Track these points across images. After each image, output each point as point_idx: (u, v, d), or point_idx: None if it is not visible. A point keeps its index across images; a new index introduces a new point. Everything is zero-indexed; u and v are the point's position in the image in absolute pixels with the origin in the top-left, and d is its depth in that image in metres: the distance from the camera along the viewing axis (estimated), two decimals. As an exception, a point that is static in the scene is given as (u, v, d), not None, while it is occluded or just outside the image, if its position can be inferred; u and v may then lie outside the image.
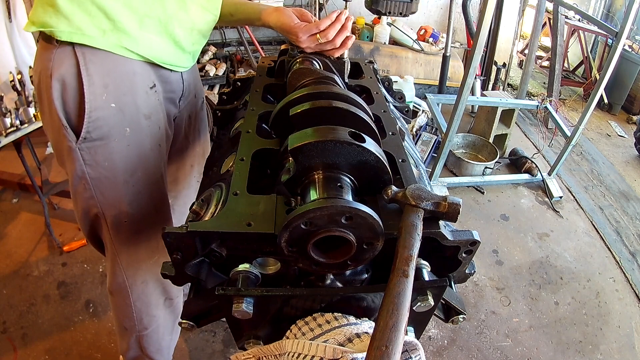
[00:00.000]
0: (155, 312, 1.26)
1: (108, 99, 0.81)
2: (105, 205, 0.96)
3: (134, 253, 1.08)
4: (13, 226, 2.50)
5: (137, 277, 1.15)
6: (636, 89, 4.27)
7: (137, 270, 1.13)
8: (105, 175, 0.90)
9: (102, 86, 0.79)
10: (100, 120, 0.82)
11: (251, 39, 3.59)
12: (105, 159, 0.87)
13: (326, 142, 0.65)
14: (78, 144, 0.84)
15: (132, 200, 0.96)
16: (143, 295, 1.20)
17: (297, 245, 0.63)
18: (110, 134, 0.85)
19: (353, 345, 0.62)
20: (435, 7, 4.53)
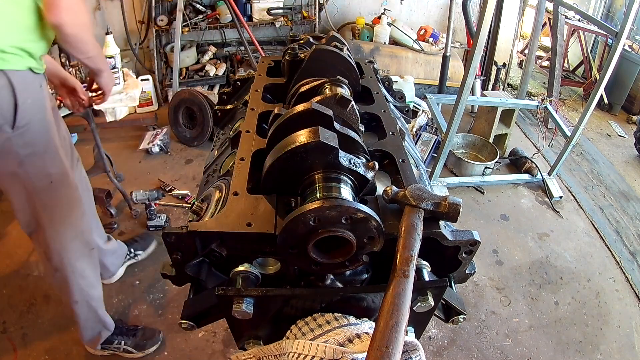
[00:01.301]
0: (86, 265, 1.61)
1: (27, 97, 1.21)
2: (35, 174, 1.32)
3: (60, 210, 1.44)
4: (13, 226, 2.50)
5: (67, 235, 1.49)
6: (636, 89, 4.27)
7: (66, 227, 1.47)
8: (32, 150, 1.28)
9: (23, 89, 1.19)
10: (25, 112, 1.21)
11: (251, 39, 3.59)
12: (30, 138, 1.26)
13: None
14: (13, 133, 1.21)
15: (51, 164, 1.36)
16: (76, 252, 1.54)
17: (297, 246, 0.63)
18: (31, 120, 1.24)
19: (353, 345, 0.62)
20: (435, 7, 4.54)
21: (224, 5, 3.57)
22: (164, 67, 3.85)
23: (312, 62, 1.03)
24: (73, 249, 1.54)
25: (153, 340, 1.90)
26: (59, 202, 1.44)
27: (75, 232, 1.53)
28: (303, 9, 4.02)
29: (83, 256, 1.59)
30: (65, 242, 1.51)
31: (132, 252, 2.27)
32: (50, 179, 1.37)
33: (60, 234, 1.48)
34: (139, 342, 1.88)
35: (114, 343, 1.85)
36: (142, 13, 3.68)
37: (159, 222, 2.53)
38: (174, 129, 3.36)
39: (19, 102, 1.18)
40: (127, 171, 2.98)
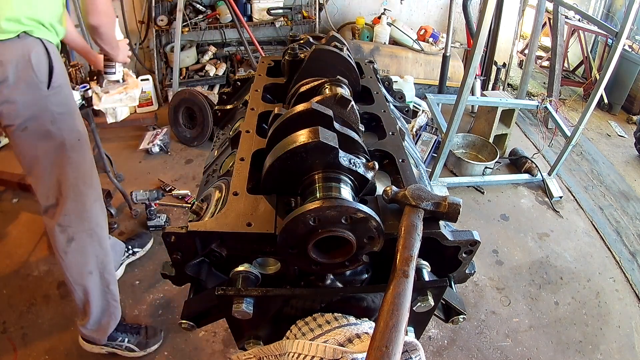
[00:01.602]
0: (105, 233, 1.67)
1: (58, 62, 1.39)
2: (67, 131, 1.46)
3: (85, 167, 1.55)
4: (13, 226, 2.50)
5: (90, 196, 1.57)
6: (636, 89, 4.27)
7: (90, 187, 1.57)
8: (64, 109, 1.44)
9: (55, 55, 1.37)
10: (58, 75, 1.38)
11: (251, 39, 3.59)
12: (63, 97, 1.43)
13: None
14: (49, 92, 1.36)
15: (79, 122, 1.52)
16: (97, 216, 1.62)
17: (297, 246, 0.63)
18: (62, 82, 1.42)
19: (353, 345, 0.62)
20: (435, 7, 4.54)
21: (224, 5, 3.57)
22: (164, 67, 3.85)
23: (312, 62, 1.03)
24: (93, 212, 1.60)
25: (155, 339, 1.90)
26: (85, 160, 1.55)
27: (96, 195, 1.62)
28: (303, 9, 4.02)
29: (102, 221, 1.66)
30: (89, 203, 1.58)
31: (129, 249, 2.27)
32: (79, 136, 1.51)
33: (84, 195, 1.56)
34: (142, 341, 1.88)
35: (117, 340, 1.84)
36: (142, 13, 3.68)
37: (159, 222, 2.53)
38: (174, 129, 3.36)
39: (54, 65, 1.35)
40: (127, 171, 2.98)
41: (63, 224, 1.54)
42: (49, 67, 1.35)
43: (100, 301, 1.73)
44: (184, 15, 3.47)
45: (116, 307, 1.80)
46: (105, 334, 1.80)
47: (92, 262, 1.64)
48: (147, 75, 3.61)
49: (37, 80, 1.32)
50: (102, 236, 1.65)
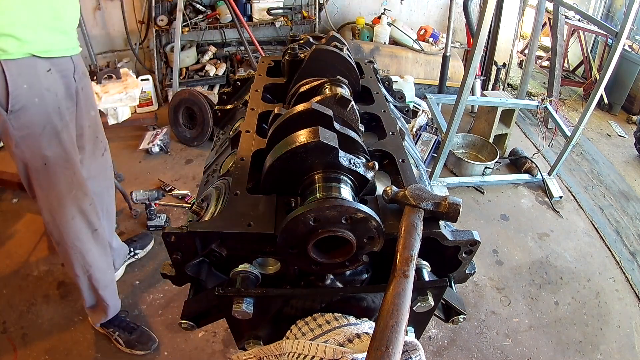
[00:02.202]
0: (88, 246, 1.65)
1: (22, 83, 1.27)
2: (30, 154, 1.39)
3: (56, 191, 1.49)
4: (13, 226, 2.50)
5: (66, 213, 1.53)
6: (636, 89, 4.27)
7: (63, 207, 1.52)
8: (27, 132, 1.34)
9: (17, 75, 1.25)
10: (18, 97, 1.27)
11: (251, 39, 3.59)
12: (25, 121, 1.32)
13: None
14: (7, 116, 1.28)
15: (46, 146, 1.40)
16: (76, 231, 1.59)
17: (297, 246, 0.63)
18: (25, 104, 1.30)
19: (353, 345, 0.62)
20: (435, 7, 4.54)
21: (224, 5, 3.57)
22: (164, 67, 3.85)
23: (312, 62, 1.03)
24: (71, 228, 1.58)
25: (144, 346, 1.90)
26: (54, 183, 1.48)
27: (72, 213, 1.56)
28: (303, 9, 4.02)
29: (83, 236, 1.62)
30: (63, 220, 1.55)
31: (131, 251, 2.27)
32: (44, 161, 1.42)
33: (57, 213, 1.53)
34: (131, 340, 1.90)
35: (109, 329, 1.91)
36: (142, 13, 3.68)
37: (159, 222, 2.53)
38: (174, 129, 3.36)
39: (10, 89, 1.25)
40: (127, 171, 2.98)
41: (47, 229, 1.60)
42: (6, 91, 1.24)
43: (90, 298, 1.80)
44: (184, 15, 3.47)
45: (107, 307, 1.84)
46: (96, 321, 1.89)
47: (77, 268, 1.68)
48: (147, 75, 3.61)
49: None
50: (85, 249, 1.65)
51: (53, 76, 1.36)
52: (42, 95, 1.34)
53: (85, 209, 1.59)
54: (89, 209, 1.61)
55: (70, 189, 1.52)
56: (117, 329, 1.91)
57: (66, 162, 1.48)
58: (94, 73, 2.38)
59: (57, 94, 1.39)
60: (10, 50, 1.21)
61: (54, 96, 1.38)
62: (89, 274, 1.71)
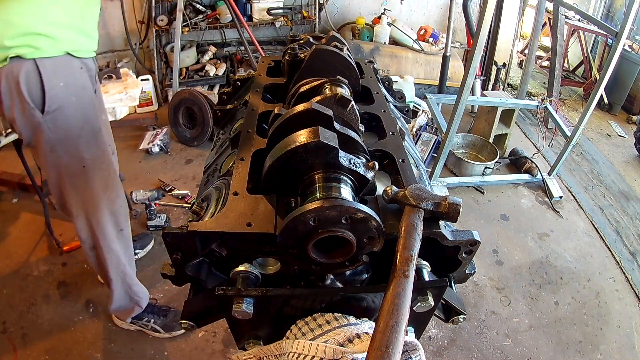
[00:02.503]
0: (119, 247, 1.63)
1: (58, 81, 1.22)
2: (68, 158, 1.33)
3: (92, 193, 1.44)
4: (13, 226, 2.50)
5: (101, 217, 1.50)
6: (636, 89, 4.27)
7: (98, 209, 1.48)
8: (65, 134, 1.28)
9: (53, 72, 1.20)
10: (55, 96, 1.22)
11: (251, 39, 3.59)
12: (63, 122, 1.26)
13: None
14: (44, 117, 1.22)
15: (85, 148, 1.35)
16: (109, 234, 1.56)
17: (297, 246, 0.63)
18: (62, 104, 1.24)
19: (353, 345, 0.62)
20: (435, 7, 4.54)
21: (224, 5, 3.57)
22: (164, 67, 3.85)
23: (312, 62, 1.03)
24: (106, 231, 1.55)
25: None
26: (90, 185, 1.43)
27: (107, 215, 1.54)
28: (303, 9, 4.02)
29: (114, 237, 1.62)
30: (99, 224, 1.52)
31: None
32: (82, 164, 1.37)
33: (93, 217, 1.49)
34: (168, 323, 1.91)
35: (143, 319, 1.90)
36: (142, 13, 3.68)
37: (159, 222, 2.53)
38: (174, 129, 3.36)
39: (46, 87, 1.19)
40: (127, 171, 2.98)
41: (80, 236, 1.58)
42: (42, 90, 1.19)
43: (123, 297, 1.80)
44: (184, 15, 3.47)
45: (141, 299, 1.85)
46: (129, 316, 1.88)
47: (112, 272, 1.67)
48: (147, 75, 3.61)
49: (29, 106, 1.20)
50: (118, 250, 1.64)
51: (86, 75, 1.32)
52: (78, 94, 1.29)
53: (116, 210, 1.57)
54: (119, 210, 1.58)
55: (105, 190, 1.48)
56: (152, 315, 1.91)
57: (102, 163, 1.43)
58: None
59: (91, 93, 1.36)
60: (44, 47, 1.16)
61: (91, 94, 1.34)
62: (124, 274, 1.70)
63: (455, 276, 0.80)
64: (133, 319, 1.90)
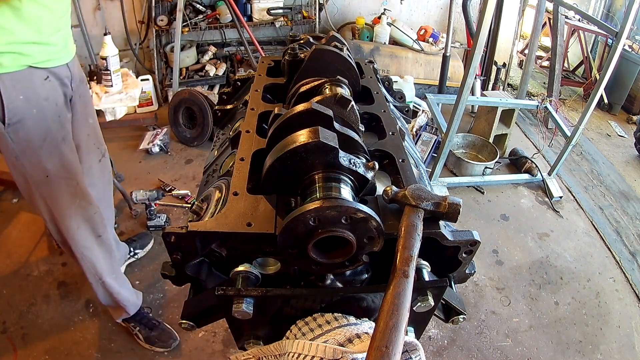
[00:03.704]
0: (96, 253, 1.64)
1: (17, 94, 1.22)
2: (31, 168, 1.36)
3: (59, 202, 1.46)
4: (13, 226, 2.50)
5: (71, 224, 1.51)
6: (636, 89, 4.27)
7: (67, 217, 1.49)
8: (26, 145, 1.31)
9: (12, 87, 1.21)
10: (15, 109, 1.23)
11: (251, 39, 3.59)
12: (24, 134, 1.29)
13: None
14: (5, 129, 1.25)
15: (47, 159, 1.37)
16: (83, 240, 1.58)
17: (297, 246, 0.63)
18: (23, 117, 1.26)
19: (353, 345, 0.62)
20: (435, 7, 4.54)
21: (224, 5, 3.57)
22: (164, 67, 3.85)
23: (312, 62, 1.03)
24: (79, 237, 1.56)
25: (165, 343, 1.92)
26: (57, 195, 1.45)
27: (77, 223, 1.54)
28: (303, 9, 4.02)
29: (90, 244, 1.62)
30: (69, 231, 1.53)
31: (131, 251, 2.28)
32: (46, 173, 1.38)
33: (61, 224, 1.51)
34: (151, 337, 1.91)
35: (130, 324, 1.92)
36: (142, 13, 3.68)
37: (159, 222, 2.53)
38: (174, 129, 3.36)
39: (5, 102, 1.21)
40: (127, 171, 2.98)
41: (56, 239, 1.60)
42: (1, 104, 1.20)
43: (107, 299, 1.81)
44: (184, 15, 3.47)
45: (127, 306, 1.85)
46: (117, 317, 1.90)
47: (90, 275, 1.69)
48: (147, 75, 3.61)
49: None
50: (93, 257, 1.64)
51: (52, 84, 1.32)
52: (40, 106, 1.29)
53: (90, 217, 1.57)
54: (94, 217, 1.59)
55: (74, 199, 1.49)
56: (138, 324, 1.92)
57: (68, 173, 1.45)
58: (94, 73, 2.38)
59: (56, 102, 1.35)
60: (6, 64, 1.18)
61: (54, 105, 1.34)
62: (102, 282, 1.72)
63: (455, 276, 0.80)
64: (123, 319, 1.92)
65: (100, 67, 2.28)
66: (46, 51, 1.27)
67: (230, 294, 0.66)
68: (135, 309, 1.90)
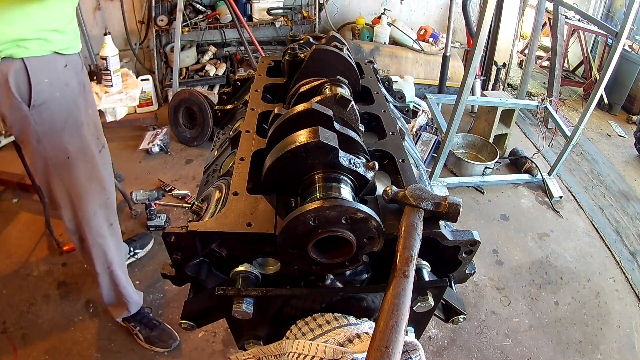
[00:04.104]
0: (108, 242, 1.67)
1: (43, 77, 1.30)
2: (52, 150, 1.41)
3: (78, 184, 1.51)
4: (13, 226, 2.50)
5: (88, 209, 1.56)
6: (636, 89, 4.27)
7: (85, 202, 1.54)
8: (49, 127, 1.37)
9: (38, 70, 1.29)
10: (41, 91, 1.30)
11: (251, 39, 3.59)
12: (48, 116, 1.35)
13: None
14: (30, 111, 1.31)
15: (69, 140, 1.43)
16: (97, 227, 1.61)
17: (297, 246, 0.63)
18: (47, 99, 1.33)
19: (353, 345, 0.62)
20: (435, 7, 4.54)
21: (224, 5, 3.57)
22: (164, 67, 3.85)
23: (312, 62, 1.03)
24: (93, 224, 1.60)
25: (165, 344, 1.92)
26: (75, 177, 1.49)
27: (94, 208, 1.58)
28: (303, 9, 4.02)
29: (104, 231, 1.65)
30: (85, 216, 1.57)
31: (131, 250, 2.28)
32: (67, 155, 1.44)
33: (79, 209, 1.55)
34: (151, 337, 1.91)
35: (130, 323, 1.92)
36: (142, 13, 3.68)
37: (159, 222, 2.53)
38: (174, 129, 3.36)
39: (32, 83, 1.28)
40: (127, 171, 2.98)
41: (69, 228, 1.61)
42: (29, 86, 1.28)
43: (111, 294, 1.81)
44: (184, 15, 3.47)
45: (129, 302, 1.86)
46: (117, 316, 1.90)
47: (98, 265, 1.70)
48: (147, 75, 3.61)
49: (16, 100, 1.28)
50: (106, 245, 1.67)
51: (69, 71, 1.40)
52: (62, 90, 1.37)
53: (105, 203, 1.62)
54: (107, 203, 1.64)
55: (90, 183, 1.55)
56: (139, 324, 1.92)
57: (86, 156, 1.50)
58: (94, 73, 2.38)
59: (74, 89, 1.43)
60: (33, 49, 1.26)
61: (72, 91, 1.42)
62: (110, 271, 1.73)
63: (455, 276, 0.80)
64: (124, 319, 1.92)
65: (100, 67, 2.29)
66: (65, 39, 1.35)
67: (230, 294, 0.66)
68: (137, 307, 1.91)
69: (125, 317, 1.91)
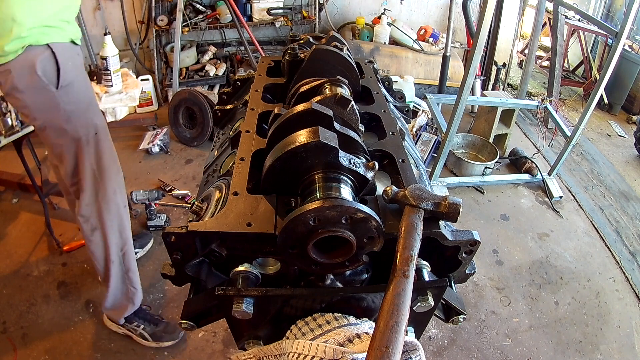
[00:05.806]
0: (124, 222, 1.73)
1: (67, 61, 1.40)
2: (82, 126, 1.51)
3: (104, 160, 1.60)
4: (13, 226, 2.50)
5: (109, 188, 1.63)
6: (636, 89, 4.27)
7: (108, 179, 1.62)
8: (76, 106, 1.48)
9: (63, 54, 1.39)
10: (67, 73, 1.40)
11: (251, 39, 3.59)
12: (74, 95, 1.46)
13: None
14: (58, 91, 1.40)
15: (95, 116, 1.57)
16: (117, 207, 1.68)
17: (297, 246, 0.63)
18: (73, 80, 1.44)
19: (353, 345, 0.62)
20: (435, 7, 4.54)
21: (224, 5, 3.57)
22: (164, 67, 3.85)
23: (312, 62, 1.03)
24: (113, 203, 1.66)
25: (171, 336, 1.92)
26: (103, 151, 1.59)
27: (114, 187, 1.65)
28: (303, 9, 4.02)
29: (121, 212, 1.70)
30: (107, 194, 1.63)
31: (131, 250, 2.28)
32: (95, 130, 1.55)
33: (103, 187, 1.62)
34: (157, 333, 1.91)
35: (133, 323, 1.90)
36: (142, 13, 3.68)
37: (159, 222, 2.53)
38: (174, 129, 3.36)
39: (60, 65, 1.37)
40: (127, 171, 2.98)
41: (85, 214, 1.64)
42: (57, 68, 1.37)
43: (119, 285, 1.81)
44: (184, 15, 3.47)
45: (135, 294, 1.87)
46: (122, 315, 1.88)
47: (113, 251, 1.72)
48: (147, 75, 3.61)
49: (43, 83, 1.36)
50: (123, 226, 1.72)
51: (81, 59, 1.52)
52: (82, 73, 1.51)
53: (121, 182, 1.70)
54: (122, 183, 1.71)
55: (112, 160, 1.64)
56: (142, 321, 1.92)
57: (107, 133, 1.63)
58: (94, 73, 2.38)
59: (86, 75, 1.57)
60: (56, 36, 1.37)
61: (86, 75, 1.56)
62: (123, 253, 1.76)
63: (455, 276, 0.80)
64: (125, 320, 1.90)
65: (100, 67, 2.29)
66: (74, 30, 1.45)
67: (230, 294, 0.66)
68: (140, 300, 1.91)
69: (127, 318, 1.89)
